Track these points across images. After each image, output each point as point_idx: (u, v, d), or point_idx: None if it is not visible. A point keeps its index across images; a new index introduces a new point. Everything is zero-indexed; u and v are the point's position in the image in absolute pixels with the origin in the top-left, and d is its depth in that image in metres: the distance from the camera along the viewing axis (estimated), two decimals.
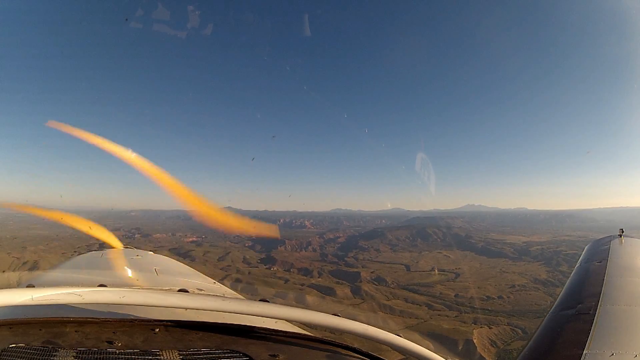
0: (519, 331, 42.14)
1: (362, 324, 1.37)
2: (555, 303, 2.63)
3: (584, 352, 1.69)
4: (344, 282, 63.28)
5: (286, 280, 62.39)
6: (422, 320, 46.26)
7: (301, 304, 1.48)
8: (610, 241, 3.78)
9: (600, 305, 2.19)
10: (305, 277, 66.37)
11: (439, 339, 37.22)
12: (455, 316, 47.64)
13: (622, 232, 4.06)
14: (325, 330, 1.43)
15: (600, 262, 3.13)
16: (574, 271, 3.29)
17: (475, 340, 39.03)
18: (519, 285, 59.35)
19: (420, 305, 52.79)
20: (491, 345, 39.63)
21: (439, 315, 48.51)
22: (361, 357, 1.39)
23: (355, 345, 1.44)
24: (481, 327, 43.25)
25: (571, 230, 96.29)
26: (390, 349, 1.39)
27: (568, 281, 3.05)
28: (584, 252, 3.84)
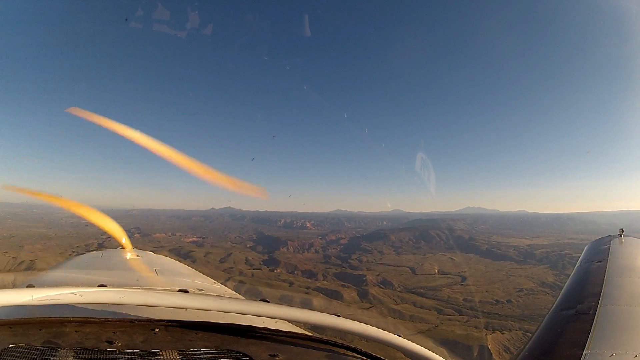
0: (531, 336, 41.23)
1: (362, 324, 1.37)
2: (555, 303, 2.60)
3: (584, 352, 1.68)
4: (349, 285, 62.54)
5: (291, 283, 61.54)
6: (433, 326, 45.37)
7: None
8: (610, 241, 3.72)
9: (600, 305, 2.16)
10: (310, 280, 65.49)
11: (452, 346, 36.37)
12: (466, 321, 46.79)
13: (622, 231, 3.98)
14: (325, 330, 1.42)
15: (600, 262, 3.10)
16: (573, 271, 3.25)
17: (489, 347, 38.14)
18: (526, 289, 58.70)
19: (429, 310, 51.96)
20: (505, 351, 38.68)
21: (449, 320, 47.65)
22: (361, 357, 1.39)
23: (355, 345, 1.43)
24: (493, 333, 42.33)
25: (573, 234, 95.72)
26: (390, 348, 1.39)
27: (568, 281, 3.02)
28: (583, 252, 3.77)
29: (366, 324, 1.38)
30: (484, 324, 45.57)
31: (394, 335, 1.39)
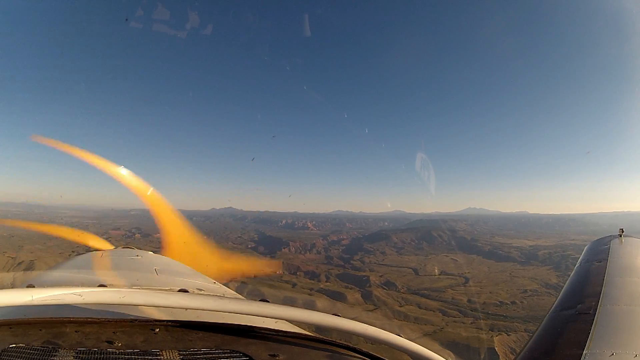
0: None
1: (362, 324, 1.38)
2: (555, 303, 2.60)
3: (584, 352, 1.68)
4: (353, 286, 62.28)
5: (294, 285, 61.23)
6: (439, 328, 45.00)
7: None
8: (610, 241, 3.71)
9: (600, 305, 2.16)
10: (313, 281, 65.18)
11: (459, 348, 35.98)
12: (471, 322, 46.45)
13: (622, 231, 3.96)
14: (325, 330, 1.42)
15: (600, 262, 3.09)
16: (574, 271, 3.24)
17: (497, 349, 37.71)
18: (530, 290, 58.41)
19: (434, 312, 51.64)
20: (511, 352, 38.29)
21: (454, 321, 47.28)
22: (361, 357, 1.39)
23: (356, 345, 1.43)
24: (499, 334, 41.94)
25: (575, 234, 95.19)
26: (390, 348, 1.39)
27: (568, 281, 2.99)
28: (584, 252, 3.75)
29: (367, 324, 1.37)
30: (489, 325, 45.15)
31: (395, 335, 1.38)
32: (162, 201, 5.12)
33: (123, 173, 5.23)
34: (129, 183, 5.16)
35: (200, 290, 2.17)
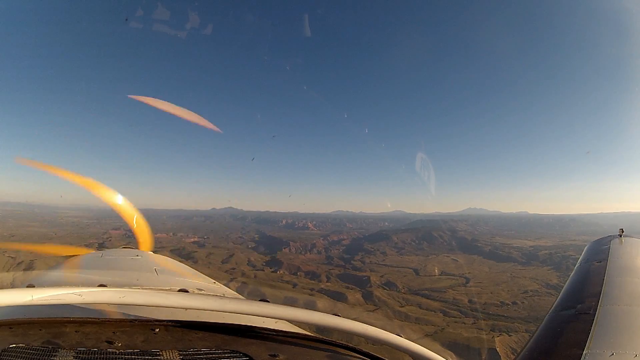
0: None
1: (362, 323, 1.37)
2: (555, 303, 2.59)
3: (584, 352, 1.68)
4: (353, 286, 62.23)
5: (294, 285, 61.28)
6: (440, 328, 44.95)
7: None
8: (610, 241, 3.70)
9: (600, 305, 2.16)
10: (313, 282, 65.18)
11: (460, 349, 35.94)
12: (472, 323, 46.37)
13: (622, 232, 3.96)
14: (325, 331, 1.42)
15: (600, 262, 3.08)
16: (574, 271, 3.23)
17: (498, 349, 37.64)
18: (531, 291, 58.40)
19: (435, 312, 51.62)
20: (512, 353, 38.22)
21: (455, 322, 47.19)
22: (361, 357, 1.39)
23: (356, 346, 1.43)
24: (500, 335, 41.89)
25: (576, 235, 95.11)
26: (390, 348, 1.39)
27: (568, 281, 2.98)
28: (584, 252, 3.74)
29: (368, 324, 1.37)
30: (490, 326, 45.10)
31: (395, 336, 1.38)
32: (144, 227, 5.18)
33: (118, 200, 5.28)
34: (116, 207, 5.23)
35: (200, 290, 2.16)
